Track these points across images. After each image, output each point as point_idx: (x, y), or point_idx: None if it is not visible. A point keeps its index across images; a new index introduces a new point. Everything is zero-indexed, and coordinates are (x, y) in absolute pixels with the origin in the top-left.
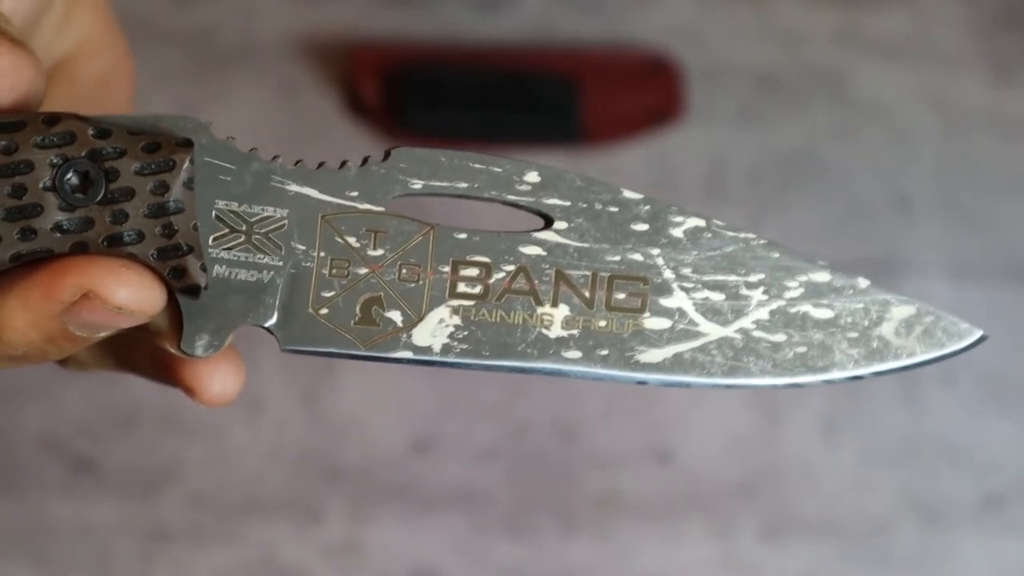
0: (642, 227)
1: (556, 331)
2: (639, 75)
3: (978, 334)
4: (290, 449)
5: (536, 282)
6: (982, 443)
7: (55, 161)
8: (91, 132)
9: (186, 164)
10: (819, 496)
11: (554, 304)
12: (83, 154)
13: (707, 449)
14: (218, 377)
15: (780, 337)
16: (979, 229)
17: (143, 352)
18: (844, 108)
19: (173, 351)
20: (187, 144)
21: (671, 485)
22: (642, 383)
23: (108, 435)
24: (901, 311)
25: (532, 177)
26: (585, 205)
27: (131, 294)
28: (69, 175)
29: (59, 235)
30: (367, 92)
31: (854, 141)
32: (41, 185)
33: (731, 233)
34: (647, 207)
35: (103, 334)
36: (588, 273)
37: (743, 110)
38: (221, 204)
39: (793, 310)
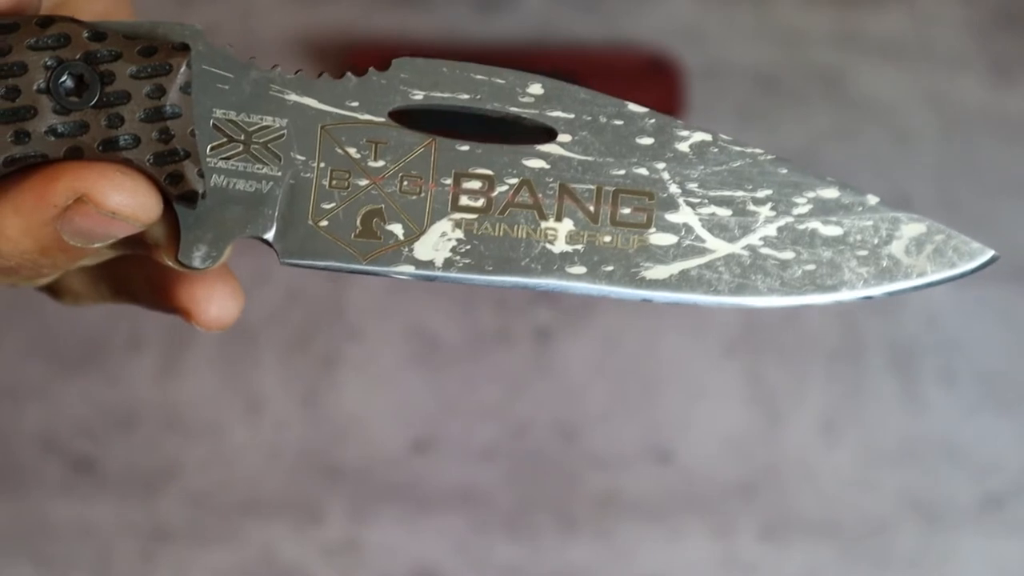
0: (647, 141)
1: (560, 246)
2: (639, 75)
3: (990, 254)
4: (290, 449)
5: (540, 196)
6: (982, 443)
7: (49, 63)
8: (86, 35)
9: (183, 68)
10: (819, 496)
11: (558, 218)
12: (78, 56)
13: (707, 449)
14: (216, 299)
15: (788, 254)
16: (979, 229)
17: (140, 276)
18: (844, 108)
19: (171, 263)
20: (184, 48)
21: (671, 485)
22: (648, 300)
23: (108, 435)
24: (911, 229)
25: (535, 89)
26: (589, 118)
27: (125, 199)
28: (64, 77)
29: (53, 139)
30: None
31: (854, 141)
32: (35, 87)
33: (738, 148)
34: (652, 121)
35: (97, 244)
36: (592, 187)
37: (743, 110)
38: (219, 113)
39: (801, 227)
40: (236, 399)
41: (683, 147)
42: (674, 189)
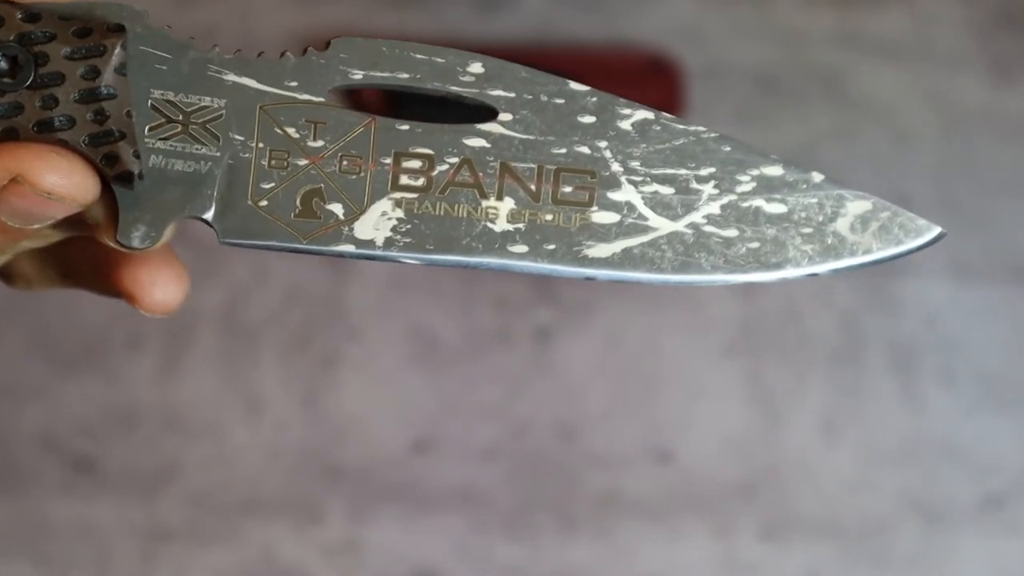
0: (589, 119)
1: (502, 225)
2: (639, 75)
3: (936, 231)
4: (290, 449)
5: (481, 175)
6: (982, 443)
7: None
8: (19, 16)
9: (117, 50)
10: (819, 496)
11: (499, 197)
12: (11, 38)
13: (707, 449)
14: (159, 283)
15: (732, 232)
16: (979, 229)
17: (85, 260)
18: (844, 108)
19: (110, 243)
20: (119, 29)
21: (671, 485)
22: (590, 279)
23: (108, 435)
24: (857, 206)
25: (476, 68)
26: (531, 97)
27: (60, 179)
28: None
29: None
30: (366, 92)
31: (854, 141)
32: None
33: (681, 126)
34: (594, 99)
35: (36, 225)
36: (534, 166)
37: (743, 110)
38: (157, 93)
39: (745, 204)
40: (236, 399)
41: (625, 125)
42: (616, 167)
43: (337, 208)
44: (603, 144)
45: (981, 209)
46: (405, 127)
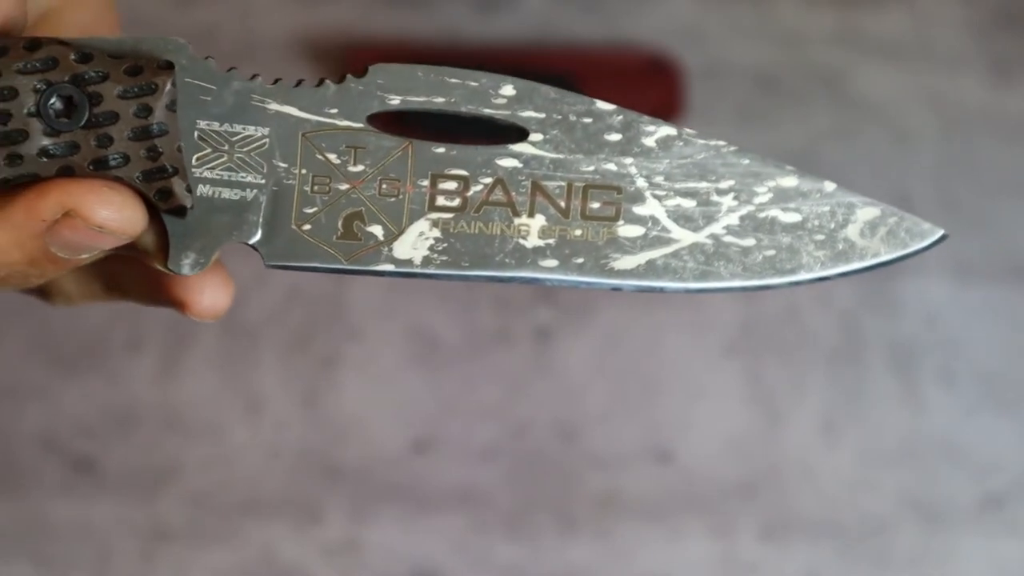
0: (615, 137)
1: (533, 241)
2: (639, 75)
3: (939, 233)
4: (290, 449)
5: (513, 193)
6: (982, 443)
7: (38, 86)
8: (73, 57)
9: (168, 87)
10: (819, 496)
11: (531, 215)
12: (66, 79)
13: (707, 449)
14: (208, 290)
15: (750, 241)
16: (979, 229)
17: (132, 273)
18: (844, 108)
19: (161, 269)
20: (168, 66)
21: (671, 485)
22: (616, 289)
23: (108, 435)
24: (866, 213)
25: (507, 90)
26: (559, 117)
27: (112, 213)
28: (53, 100)
29: (45, 160)
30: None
31: (854, 141)
32: (25, 111)
33: (702, 141)
34: (620, 117)
35: (84, 256)
36: (563, 183)
37: (743, 110)
38: (203, 124)
39: (762, 215)
40: (236, 399)
41: (649, 142)
42: (641, 183)
43: (377, 230)
44: (628, 161)
45: (981, 209)
46: (441, 150)
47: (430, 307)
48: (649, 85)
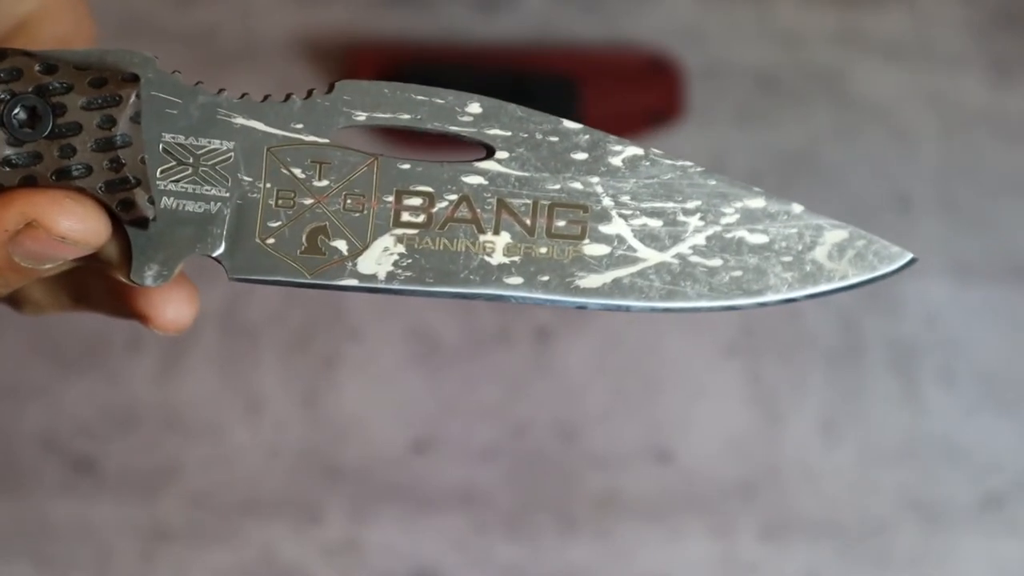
0: (582, 156)
1: (498, 258)
2: (639, 75)
3: (908, 257)
4: (290, 449)
5: (478, 211)
6: (982, 443)
7: (2, 96)
8: (38, 68)
9: (132, 99)
10: (819, 496)
11: (496, 232)
12: (30, 89)
13: (707, 449)
14: (172, 304)
15: (716, 262)
16: (979, 229)
17: (98, 286)
18: (844, 108)
19: (124, 280)
20: (134, 79)
21: (671, 485)
22: (582, 307)
23: (108, 435)
24: (834, 235)
25: (474, 108)
26: (526, 135)
27: (74, 224)
28: (16, 110)
29: (8, 169)
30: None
31: (854, 141)
32: None
33: (669, 161)
34: (587, 136)
35: (48, 266)
36: (529, 201)
37: (743, 110)
38: (168, 137)
39: (729, 235)
40: (236, 399)
41: (616, 161)
42: (607, 202)
43: (341, 244)
44: (595, 180)
45: (981, 209)
46: (406, 166)
47: (430, 307)
48: (649, 85)
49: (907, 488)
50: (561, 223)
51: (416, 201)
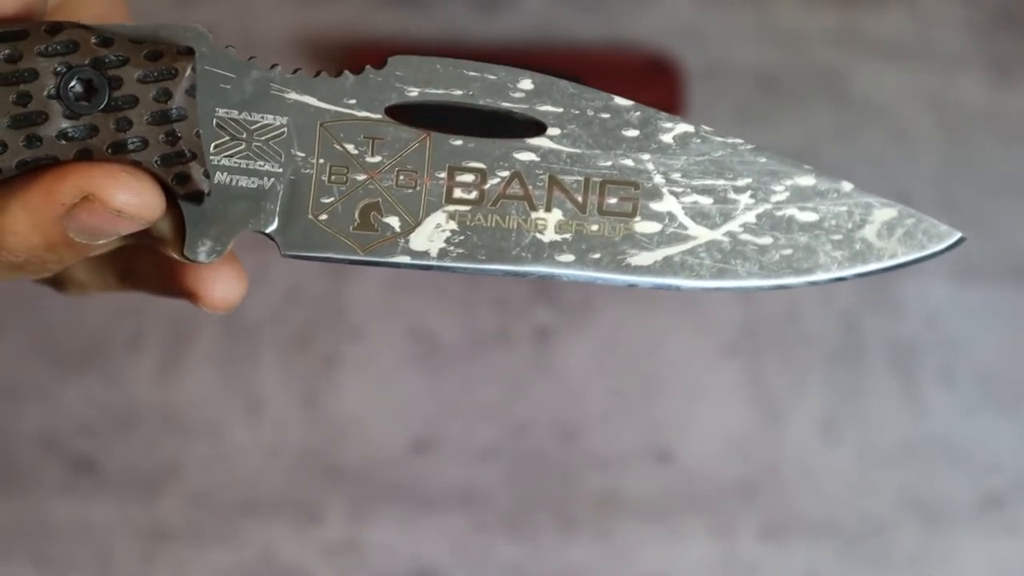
0: (633, 133)
1: (550, 235)
2: (639, 75)
3: (957, 235)
4: (290, 449)
5: (530, 187)
6: (982, 443)
7: (59, 69)
8: (94, 40)
9: (188, 72)
10: (819, 496)
11: (548, 209)
12: (86, 62)
13: (707, 449)
14: (221, 281)
15: (767, 240)
16: (979, 229)
17: (146, 264)
18: (844, 108)
19: (176, 257)
20: (189, 52)
21: (671, 485)
22: (633, 286)
23: (108, 435)
24: (883, 214)
25: (526, 84)
26: (577, 112)
27: (130, 197)
28: (73, 83)
29: (64, 142)
30: None
31: (854, 141)
32: (45, 93)
33: (719, 139)
34: (638, 113)
35: (102, 241)
36: (581, 178)
37: (743, 110)
38: (221, 112)
39: (779, 213)
40: (236, 399)
41: (667, 138)
42: (658, 179)
43: (394, 221)
44: (646, 157)
45: (981, 209)
46: (458, 142)
47: (430, 307)
48: (649, 85)
49: (907, 488)
50: (612, 200)
51: (468, 178)
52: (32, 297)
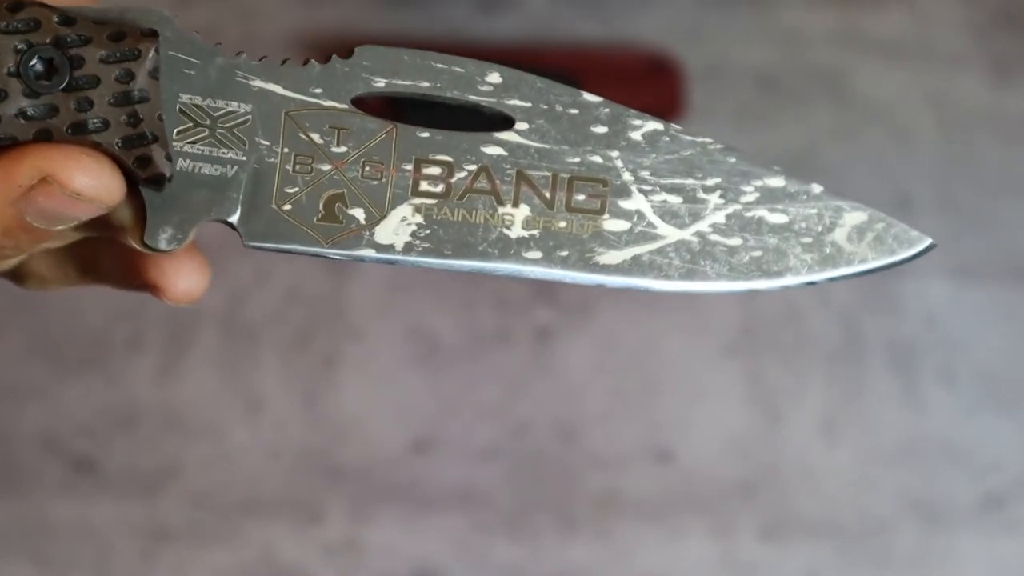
0: (602, 129)
1: (517, 231)
2: (639, 75)
3: (927, 241)
4: (290, 449)
5: (498, 182)
6: (982, 443)
7: (19, 47)
8: (56, 19)
9: (151, 53)
10: (819, 496)
11: (515, 204)
12: (48, 40)
13: (707, 449)
14: (183, 274)
15: (736, 241)
16: (979, 229)
17: (107, 257)
18: (844, 108)
19: (136, 245)
20: (153, 34)
21: (671, 485)
22: (601, 285)
23: (108, 435)
24: (853, 217)
25: (494, 78)
26: (546, 107)
27: (89, 180)
28: (33, 61)
29: (23, 122)
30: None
31: (854, 141)
32: (5, 71)
33: (689, 137)
34: (607, 110)
35: (60, 227)
36: (549, 174)
37: (743, 110)
38: (185, 98)
39: (749, 214)
40: (236, 399)
41: (636, 136)
42: (627, 177)
43: (359, 213)
44: (615, 154)
45: (981, 209)
46: (425, 134)
47: (430, 307)
48: (649, 85)
49: (907, 488)
50: (580, 197)
51: (435, 170)
52: (32, 297)
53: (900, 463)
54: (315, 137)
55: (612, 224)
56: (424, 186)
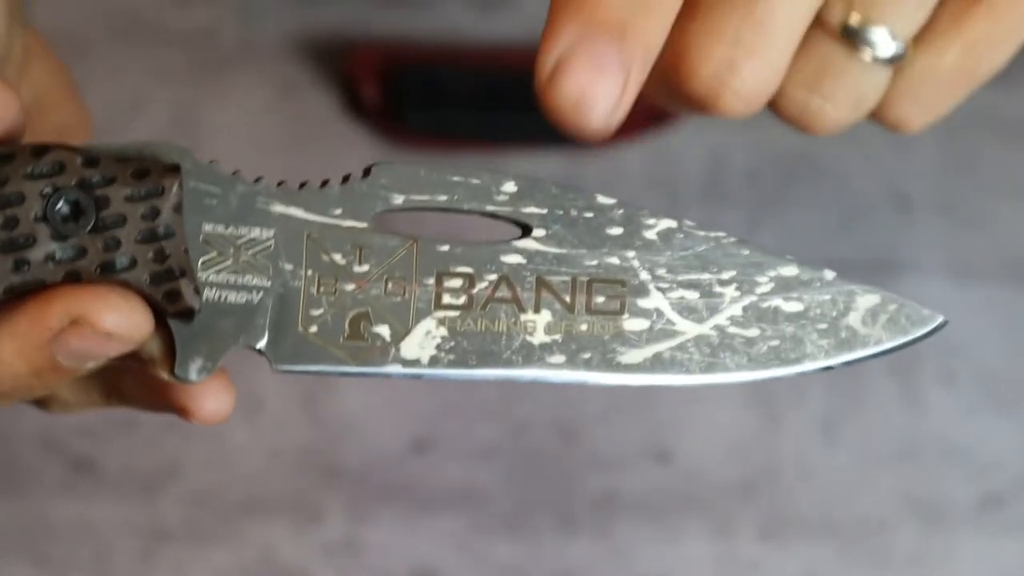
0: (617, 231)
1: (540, 337)
2: None
3: (939, 319)
4: (290, 449)
5: (518, 290)
6: (982, 443)
7: (46, 191)
8: (79, 161)
9: (175, 188)
10: (819, 496)
11: (536, 310)
12: (73, 183)
13: (707, 449)
14: (211, 395)
15: (754, 332)
16: (979, 229)
17: (131, 382)
18: None
19: (166, 377)
20: (175, 169)
21: (671, 485)
22: (625, 386)
23: (108, 435)
24: (866, 300)
25: (509, 187)
26: (561, 212)
27: (119, 319)
28: (60, 205)
29: (52, 265)
30: (367, 92)
31: (854, 141)
32: (32, 216)
33: (702, 233)
34: (620, 211)
35: (91, 364)
36: (568, 278)
37: None
38: (208, 227)
39: (765, 305)
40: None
41: (650, 235)
42: (644, 276)
43: (384, 330)
44: (631, 254)
45: (981, 209)
46: (445, 247)
47: None
48: None
49: (907, 488)
50: (600, 299)
51: (456, 283)
52: None
53: (900, 463)
54: (337, 258)
55: (632, 323)
56: (447, 299)
